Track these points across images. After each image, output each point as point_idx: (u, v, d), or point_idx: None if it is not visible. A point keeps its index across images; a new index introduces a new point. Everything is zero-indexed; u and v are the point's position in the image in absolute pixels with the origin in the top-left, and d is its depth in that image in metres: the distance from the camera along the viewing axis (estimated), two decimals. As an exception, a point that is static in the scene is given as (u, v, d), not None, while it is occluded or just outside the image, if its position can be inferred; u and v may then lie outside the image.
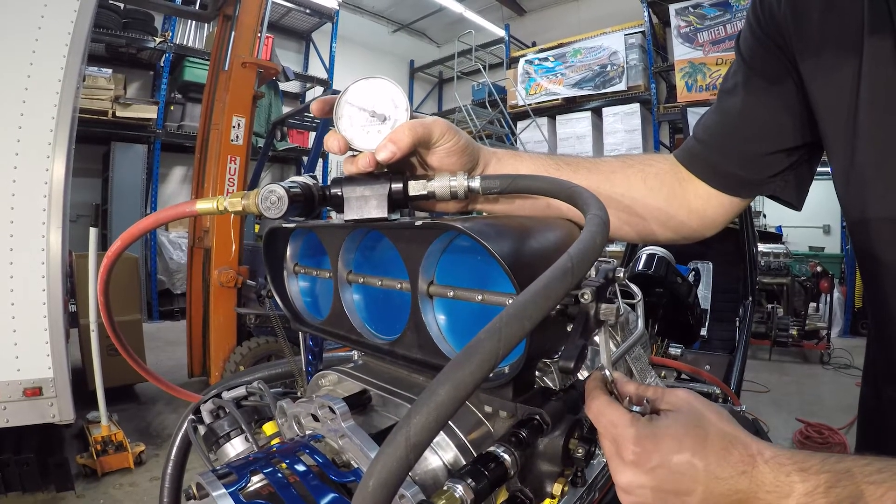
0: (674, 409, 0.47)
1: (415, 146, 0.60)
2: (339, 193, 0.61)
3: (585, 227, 0.44)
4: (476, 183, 0.60)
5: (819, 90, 0.67)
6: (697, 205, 0.80)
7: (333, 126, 0.62)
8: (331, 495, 0.50)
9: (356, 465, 0.56)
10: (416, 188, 0.60)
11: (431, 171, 0.66)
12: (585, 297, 0.46)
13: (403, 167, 0.65)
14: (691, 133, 0.83)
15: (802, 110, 0.71)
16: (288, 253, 0.86)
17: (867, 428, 0.83)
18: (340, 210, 0.61)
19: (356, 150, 0.62)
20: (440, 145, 0.63)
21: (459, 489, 0.44)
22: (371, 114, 0.61)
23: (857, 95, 0.62)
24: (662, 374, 1.58)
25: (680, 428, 0.45)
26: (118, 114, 6.80)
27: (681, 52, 7.82)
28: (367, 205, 0.60)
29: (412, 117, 0.61)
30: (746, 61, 0.74)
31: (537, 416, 0.53)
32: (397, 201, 0.61)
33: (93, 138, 6.76)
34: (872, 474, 0.39)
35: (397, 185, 0.60)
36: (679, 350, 1.92)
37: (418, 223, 0.55)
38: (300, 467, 0.54)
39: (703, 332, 2.29)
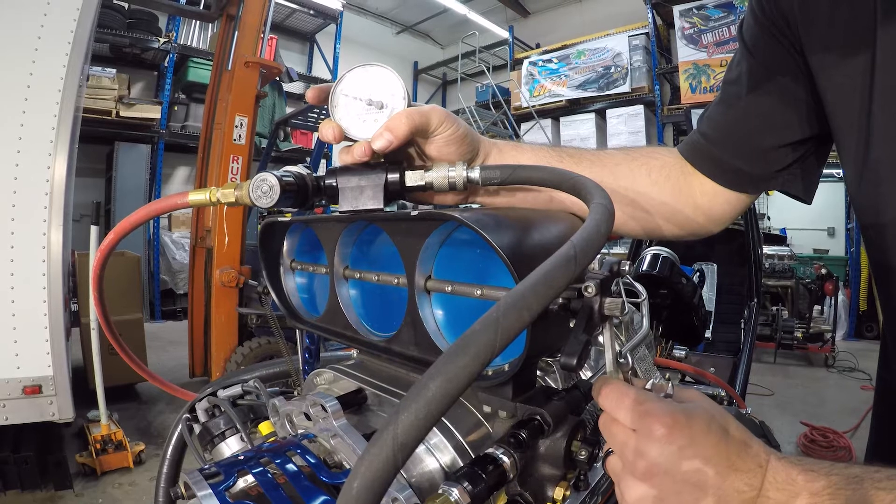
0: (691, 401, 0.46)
1: (412, 135, 0.58)
2: (334, 184, 0.59)
3: (589, 216, 0.42)
4: (476, 173, 0.57)
5: (829, 82, 0.64)
6: (703, 201, 0.78)
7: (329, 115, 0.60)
8: (321, 498, 0.48)
9: (348, 466, 0.53)
10: (413, 178, 0.58)
11: (430, 162, 0.63)
12: (589, 290, 0.44)
13: (401, 157, 0.63)
14: (695, 126, 0.81)
15: (809, 100, 0.68)
16: (285, 248, 0.84)
17: (882, 417, 0.81)
18: (335, 201, 0.59)
19: (352, 140, 0.60)
20: (438, 134, 0.60)
21: (455, 493, 0.42)
22: (368, 102, 0.59)
23: (871, 88, 0.59)
24: (667, 377, 1.56)
25: (707, 410, 0.44)
26: (122, 114, 6.80)
27: (685, 53, 7.78)
28: (362, 195, 0.58)
29: (410, 106, 0.59)
30: (750, 50, 0.72)
31: (538, 417, 0.51)
32: (394, 192, 0.59)
33: (96, 138, 6.77)
34: (882, 481, 0.39)
35: (394, 176, 0.58)
36: (683, 352, 1.89)
37: (415, 213, 0.53)
38: (290, 467, 0.52)
39: (708, 333, 2.26)
